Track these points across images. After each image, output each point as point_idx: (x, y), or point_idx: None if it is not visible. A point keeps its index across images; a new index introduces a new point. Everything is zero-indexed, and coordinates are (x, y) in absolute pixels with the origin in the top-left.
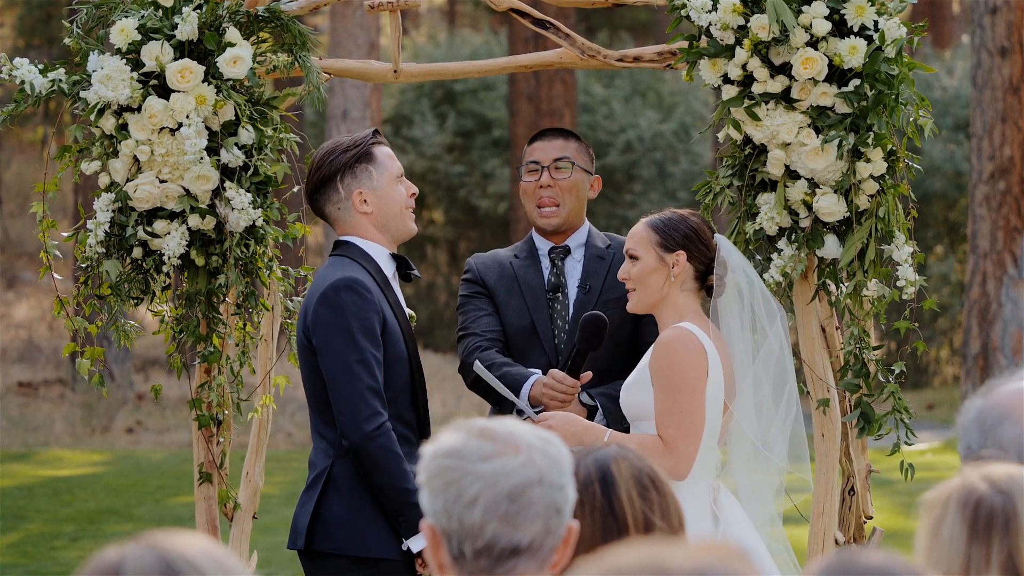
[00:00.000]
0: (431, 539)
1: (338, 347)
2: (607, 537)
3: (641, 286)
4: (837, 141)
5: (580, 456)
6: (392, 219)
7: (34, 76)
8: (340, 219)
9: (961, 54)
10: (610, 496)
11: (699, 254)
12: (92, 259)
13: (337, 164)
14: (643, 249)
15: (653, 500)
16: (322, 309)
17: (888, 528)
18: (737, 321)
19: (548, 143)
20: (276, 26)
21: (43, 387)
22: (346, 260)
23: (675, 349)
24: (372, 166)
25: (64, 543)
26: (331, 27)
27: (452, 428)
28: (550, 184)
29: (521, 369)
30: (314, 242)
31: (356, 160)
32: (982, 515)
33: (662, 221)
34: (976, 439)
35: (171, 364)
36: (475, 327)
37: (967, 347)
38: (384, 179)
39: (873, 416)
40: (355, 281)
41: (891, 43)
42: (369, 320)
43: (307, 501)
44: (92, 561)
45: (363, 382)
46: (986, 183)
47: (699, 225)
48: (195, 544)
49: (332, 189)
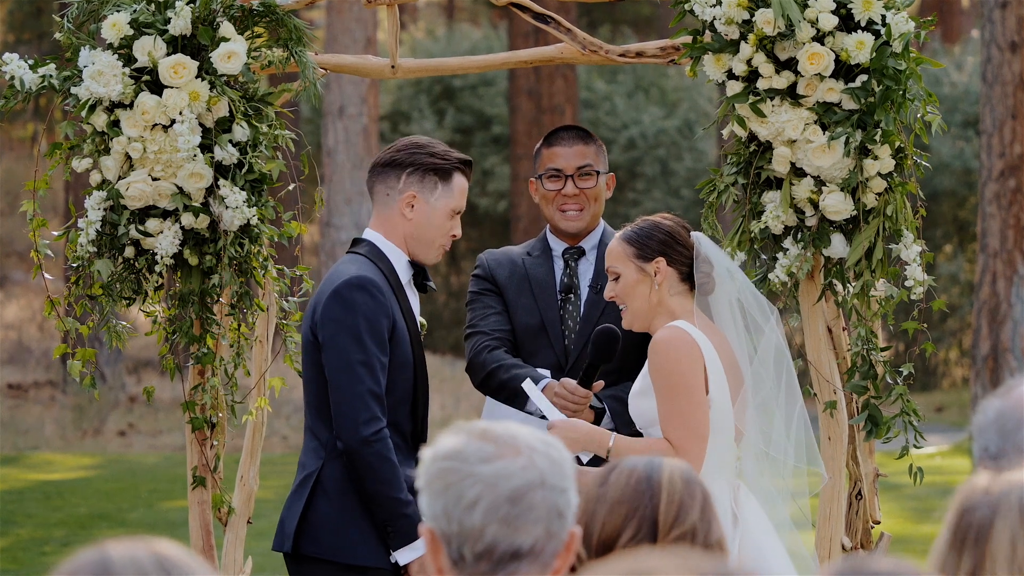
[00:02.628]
0: (430, 542)
1: (343, 345)
2: (637, 502)
3: (630, 300)
4: (844, 138)
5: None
6: (422, 240)
7: (24, 72)
8: (380, 205)
9: (970, 49)
10: (652, 472)
11: (678, 256)
12: (83, 258)
13: (415, 159)
14: (622, 265)
15: (696, 494)
16: (333, 305)
17: (896, 533)
18: (729, 319)
19: (569, 149)
20: (271, 21)
21: (33, 389)
22: (362, 259)
23: (668, 350)
24: (442, 185)
25: (54, 548)
26: (327, 22)
27: (452, 430)
28: (575, 193)
29: (531, 371)
30: (310, 241)
31: (433, 169)
32: (963, 523)
33: (635, 232)
34: (994, 441)
35: (164, 366)
36: (483, 325)
37: (976, 348)
38: (441, 203)
39: (881, 419)
40: (368, 281)
41: (899, 38)
42: (378, 322)
43: (295, 503)
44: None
45: (365, 384)
46: (996, 181)
47: (673, 228)
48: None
49: (394, 176)
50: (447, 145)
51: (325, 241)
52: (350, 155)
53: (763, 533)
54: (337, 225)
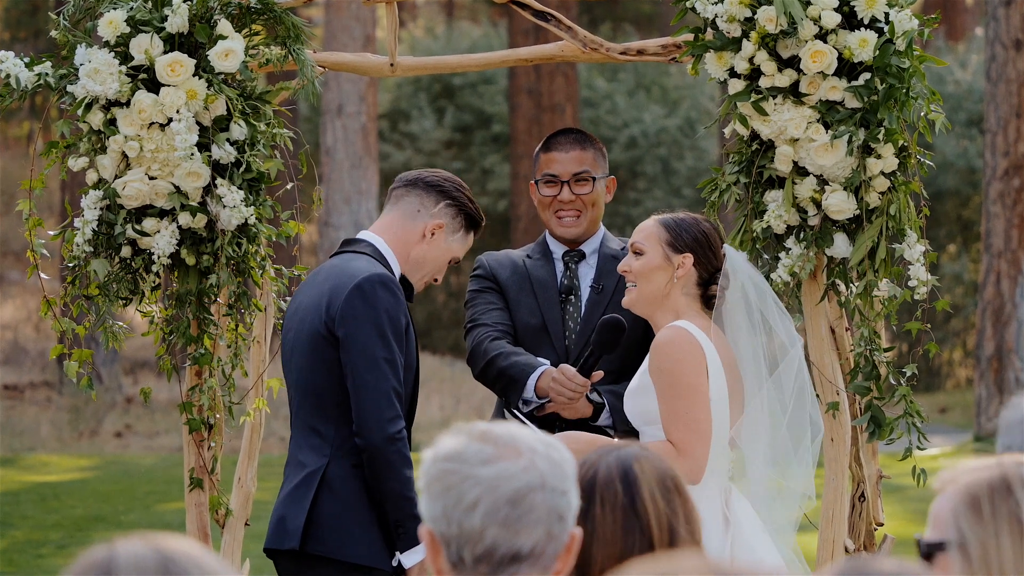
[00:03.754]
0: (430, 545)
1: (368, 341)
2: (628, 537)
3: (643, 281)
4: (847, 137)
5: (601, 455)
6: (421, 267)
7: (20, 70)
8: (402, 216)
9: (975, 47)
10: (632, 495)
11: (706, 261)
12: (79, 258)
13: (459, 197)
14: (651, 244)
15: (676, 504)
16: (356, 301)
17: (899, 536)
18: (743, 328)
19: (565, 155)
20: (269, 18)
21: (29, 390)
22: (369, 258)
23: (671, 350)
24: (460, 232)
25: (50, 551)
26: (326, 19)
27: (452, 432)
28: (571, 199)
29: (530, 358)
30: (308, 241)
31: (467, 215)
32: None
33: (674, 220)
34: (1019, 441)
35: (161, 366)
36: (485, 319)
37: (981, 349)
38: (454, 247)
39: (884, 420)
40: (389, 278)
41: (902, 36)
42: (399, 320)
43: (298, 501)
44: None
45: (389, 381)
46: (1000, 180)
47: (710, 231)
48: (187, 544)
49: (433, 200)
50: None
51: (323, 241)
52: (349, 154)
53: (755, 534)
54: (335, 224)
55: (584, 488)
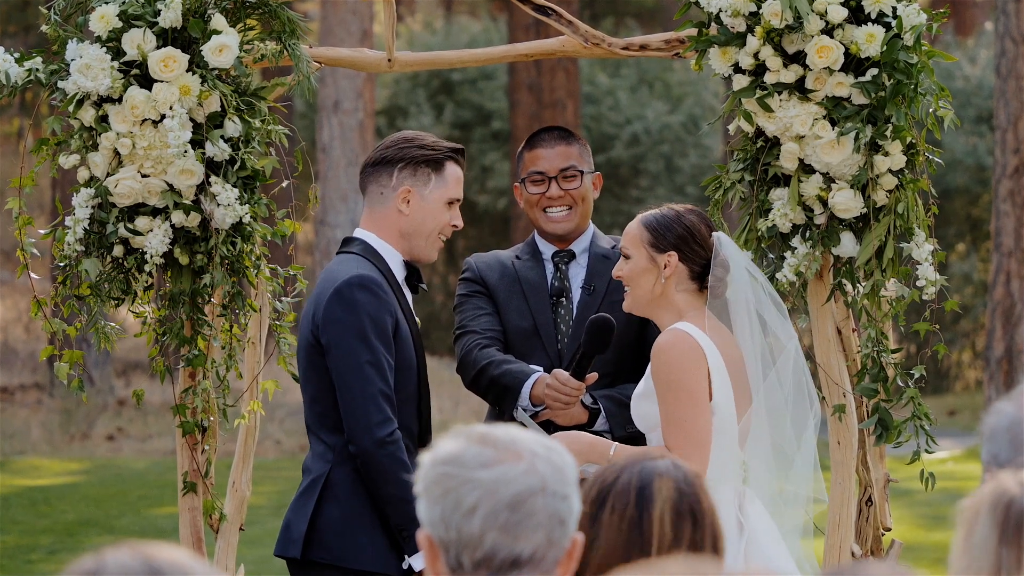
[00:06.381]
0: (428, 549)
1: (350, 347)
2: (629, 550)
3: (633, 286)
4: (854, 133)
5: (632, 462)
6: (419, 234)
7: (10, 65)
8: (374, 204)
9: (984, 42)
10: (642, 511)
11: (693, 255)
12: (71, 258)
13: (405, 154)
14: (634, 248)
15: (684, 532)
16: (335, 306)
17: (907, 540)
18: (746, 326)
19: (551, 151)
20: (264, 12)
21: (19, 392)
22: (358, 258)
23: (670, 355)
24: (435, 176)
25: (41, 556)
26: (322, 14)
27: (451, 434)
28: (560, 195)
29: (523, 366)
30: (304, 240)
31: (424, 161)
32: (1012, 517)
33: (656, 219)
34: (1006, 450)
35: (154, 368)
36: (474, 325)
37: (990, 350)
38: (437, 195)
39: (891, 423)
40: (370, 280)
41: (910, 30)
42: (383, 321)
43: (302, 507)
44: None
45: (375, 385)
46: (1010, 178)
47: (695, 224)
48: (175, 552)
49: (386, 173)
50: (436, 137)
51: (319, 240)
52: (345, 151)
53: (770, 540)
54: (332, 223)
55: (600, 491)
